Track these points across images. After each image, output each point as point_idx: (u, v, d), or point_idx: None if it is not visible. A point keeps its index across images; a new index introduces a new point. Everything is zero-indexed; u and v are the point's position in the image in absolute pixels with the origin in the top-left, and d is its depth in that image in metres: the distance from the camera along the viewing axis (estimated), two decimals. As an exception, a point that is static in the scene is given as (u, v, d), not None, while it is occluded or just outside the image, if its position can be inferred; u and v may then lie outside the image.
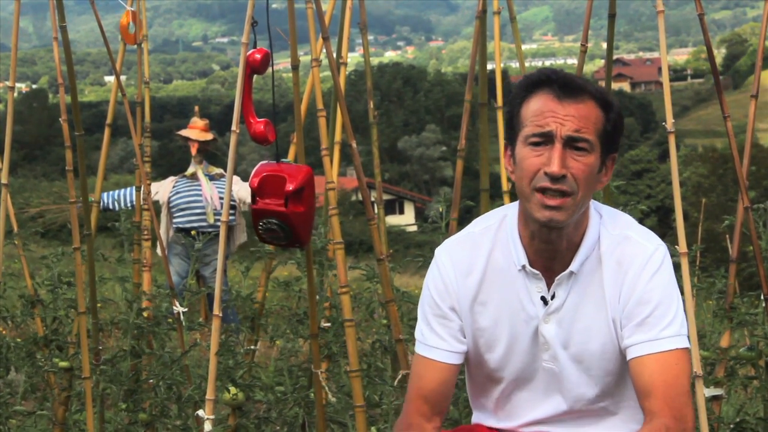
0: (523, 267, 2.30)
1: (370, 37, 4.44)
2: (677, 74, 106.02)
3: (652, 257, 2.26)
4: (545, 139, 2.19)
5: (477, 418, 2.49)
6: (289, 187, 3.02)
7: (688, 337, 2.28)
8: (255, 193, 3.06)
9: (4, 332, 5.00)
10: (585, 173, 2.19)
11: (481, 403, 2.46)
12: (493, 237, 2.36)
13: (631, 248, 2.28)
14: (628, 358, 2.24)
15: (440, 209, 3.81)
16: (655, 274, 2.25)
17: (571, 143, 2.19)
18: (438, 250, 2.43)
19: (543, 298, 2.30)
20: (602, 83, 3.73)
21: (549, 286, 2.30)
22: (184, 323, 4.04)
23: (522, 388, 2.36)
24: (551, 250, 2.28)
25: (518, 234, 2.32)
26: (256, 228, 3.09)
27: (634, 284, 2.24)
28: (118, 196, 7.27)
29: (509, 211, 2.36)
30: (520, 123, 2.24)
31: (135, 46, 4.21)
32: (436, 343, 2.38)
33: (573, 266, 2.28)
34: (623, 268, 2.26)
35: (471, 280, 2.35)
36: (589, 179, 2.21)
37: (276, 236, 3.09)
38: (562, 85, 2.21)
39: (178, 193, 7.25)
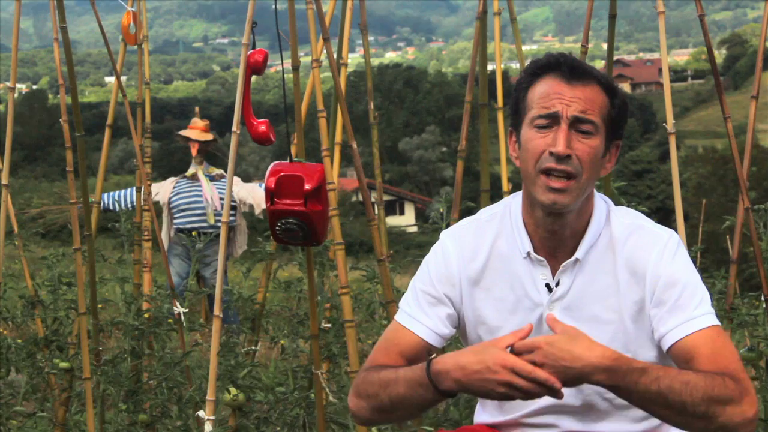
0: (528, 254, 2.31)
1: (371, 38, 4.44)
2: (678, 75, 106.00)
3: (669, 242, 2.27)
4: (551, 120, 2.20)
5: (481, 412, 2.48)
6: (308, 186, 3.03)
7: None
8: (272, 194, 3.05)
9: (5, 333, 5.00)
10: (590, 155, 2.20)
11: None
12: (499, 224, 2.36)
13: (647, 236, 2.28)
14: (667, 346, 2.21)
15: (441, 210, 3.81)
16: (676, 256, 2.25)
17: (576, 125, 2.20)
18: (444, 234, 2.43)
19: (548, 285, 2.30)
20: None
21: (554, 273, 2.30)
22: (184, 324, 4.04)
23: None
24: (556, 239, 2.28)
25: (522, 221, 2.32)
26: (273, 229, 3.09)
27: (658, 269, 2.24)
28: (119, 196, 7.28)
29: (514, 199, 2.37)
30: (526, 106, 2.25)
31: (135, 47, 4.21)
32: (421, 318, 2.36)
33: (578, 253, 2.28)
34: (642, 260, 2.25)
35: (474, 266, 2.35)
36: (594, 162, 2.22)
37: (294, 236, 3.09)
38: (570, 68, 2.23)
39: (178, 193, 7.25)
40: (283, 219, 3.05)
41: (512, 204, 2.37)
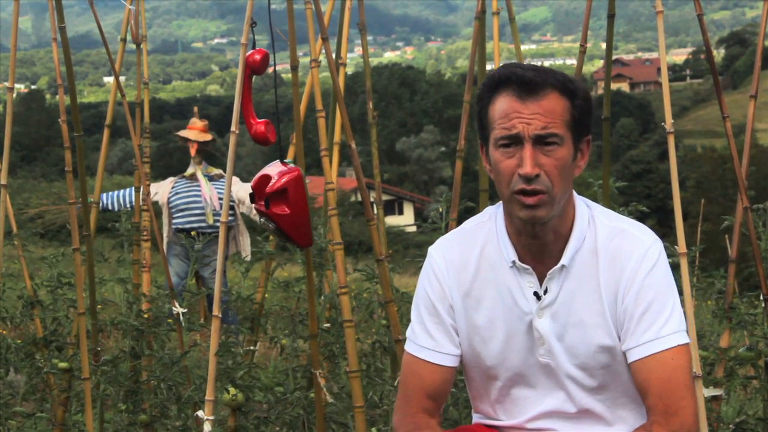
0: (514, 263, 2.31)
1: (369, 38, 4.44)
2: (676, 74, 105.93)
3: (649, 252, 2.26)
4: (514, 140, 2.20)
5: (478, 417, 2.49)
6: (269, 188, 3.03)
7: (687, 332, 2.29)
8: (252, 194, 3.08)
9: (4, 333, 5.00)
10: (558, 168, 2.20)
11: (481, 401, 2.46)
12: (485, 233, 2.37)
13: (629, 242, 2.28)
14: (629, 361, 2.26)
15: (440, 209, 3.81)
16: (652, 270, 2.25)
17: (540, 141, 2.19)
18: (431, 249, 2.43)
19: (536, 294, 2.30)
20: (602, 83, 3.73)
21: (541, 281, 2.30)
22: (183, 324, 4.04)
23: (521, 385, 2.36)
24: (539, 245, 2.29)
25: (506, 230, 2.33)
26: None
27: (632, 279, 2.25)
28: (118, 196, 7.27)
29: (498, 209, 2.38)
30: (489, 124, 2.25)
31: (134, 47, 4.22)
32: (431, 344, 2.39)
33: (564, 260, 2.28)
34: (620, 262, 2.26)
35: (464, 276, 2.36)
36: (564, 172, 2.22)
37: (275, 235, 3.12)
38: (521, 84, 2.20)
39: (177, 193, 7.24)
40: (262, 219, 3.08)
41: (497, 214, 2.37)
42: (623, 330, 2.26)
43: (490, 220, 2.38)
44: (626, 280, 2.25)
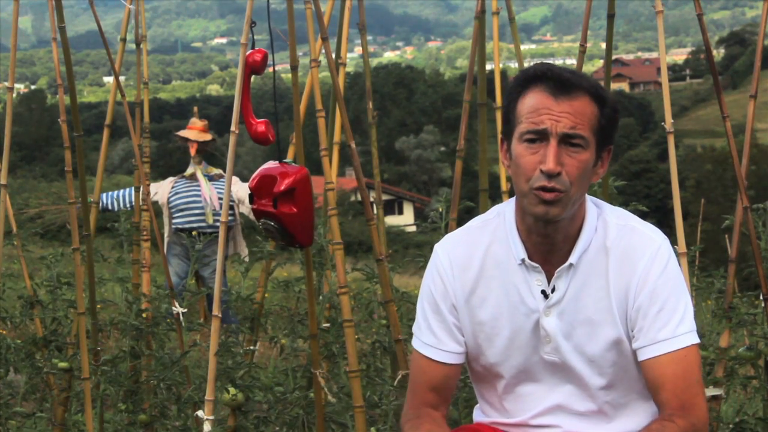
0: (523, 261, 2.31)
1: (369, 38, 4.44)
2: (676, 74, 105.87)
3: (660, 250, 2.27)
4: (540, 136, 2.20)
5: (482, 414, 2.49)
6: (277, 188, 3.02)
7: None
8: (253, 194, 3.06)
9: (4, 332, 5.00)
10: (580, 170, 2.21)
11: (487, 399, 2.46)
12: (492, 231, 2.37)
13: (639, 240, 2.28)
14: (641, 359, 2.26)
15: (440, 209, 3.81)
16: (665, 269, 2.26)
17: (566, 140, 2.20)
18: (437, 246, 2.44)
19: (543, 292, 2.30)
20: (601, 83, 3.72)
21: (549, 279, 2.31)
22: (183, 324, 4.04)
23: (526, 382, 2.37)
24: (549, 243, 2.29)
25: (516, 228, 2.33)
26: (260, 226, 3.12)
27: (645, 278, 2.25)
28: (118, 196, 7.27)
29: (507, 207, 2.38)
30: (516, 119, 2.25)
31: (134, 47, 4.22)
32: (433, 342, 2.40)
33: (572, 258, 2.29)
34: (631, 260, 2.27)
35: (469, 275, 2.36)
36: (584, 175, 2.23)
37: (274, 236, 3.10)
38: (557, 81, 2.21)
39: (177, 193, 7.25)
40: (263, 219, 3.06)
41: (506, 212, 2.37)
42: (636, 328, 2.26)
43: (498, 218, 2.38)
44: (639, 278, 2.25)
